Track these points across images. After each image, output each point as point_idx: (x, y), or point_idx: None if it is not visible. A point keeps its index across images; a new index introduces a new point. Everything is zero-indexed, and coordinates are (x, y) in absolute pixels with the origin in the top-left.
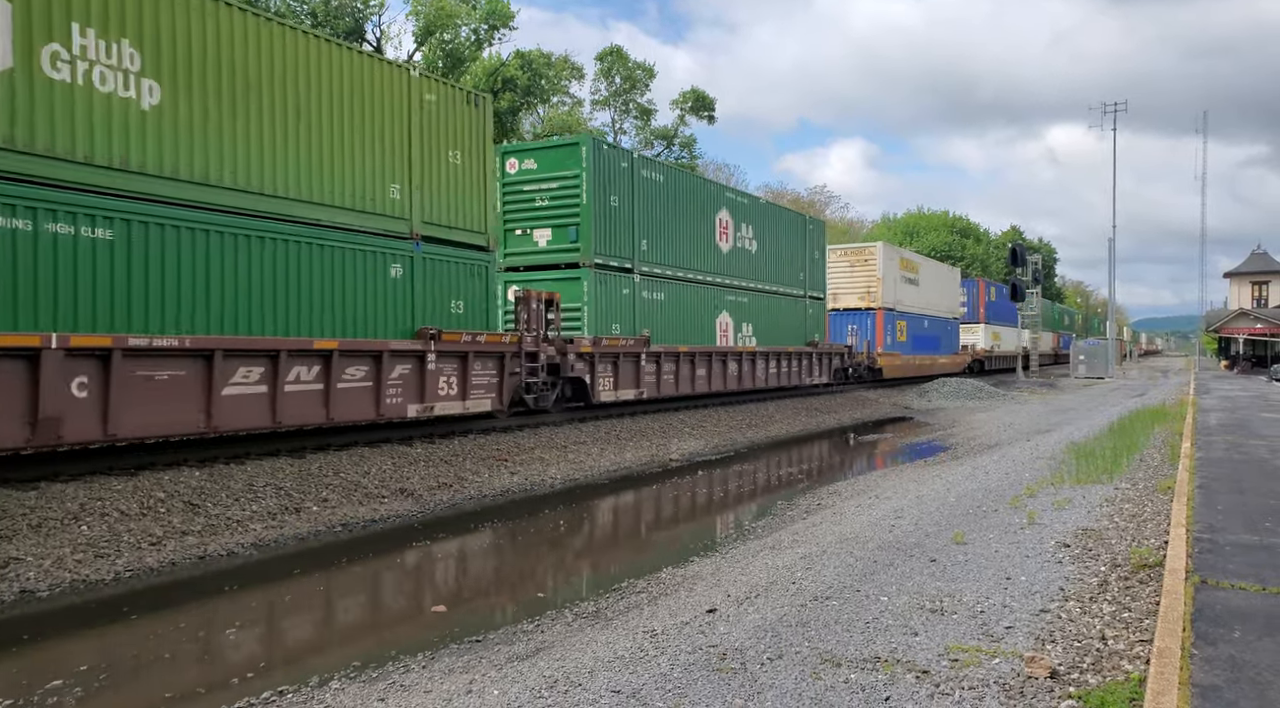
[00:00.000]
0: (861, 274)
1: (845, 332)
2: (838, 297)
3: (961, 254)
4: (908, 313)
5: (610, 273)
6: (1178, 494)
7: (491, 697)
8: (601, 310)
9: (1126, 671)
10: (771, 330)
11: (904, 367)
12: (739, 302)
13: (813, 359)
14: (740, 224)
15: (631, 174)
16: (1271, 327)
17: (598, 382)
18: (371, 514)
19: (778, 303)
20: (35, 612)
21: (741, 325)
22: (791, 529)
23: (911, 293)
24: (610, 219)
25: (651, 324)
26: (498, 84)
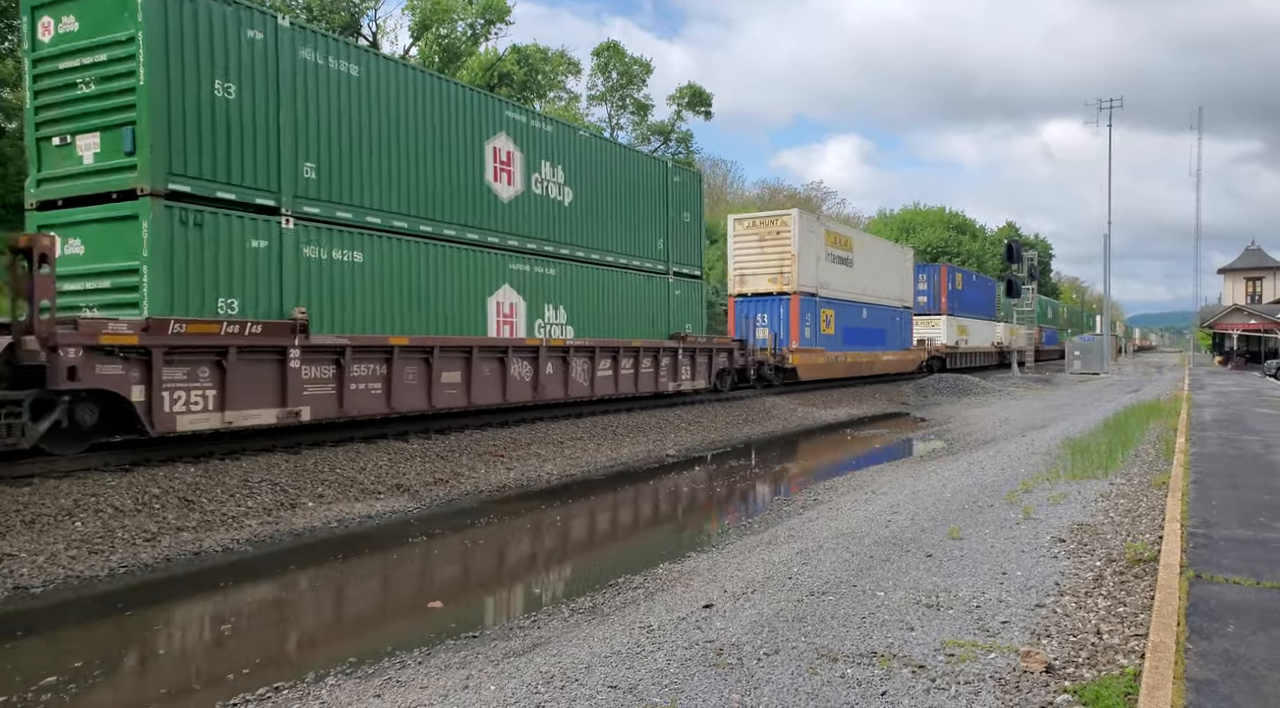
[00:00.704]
0: (773, 250)
1: (754, 323)
2: (745, 279)
3: (958, 250)
4: (838, 299)
5: (213, 211)
6: (1172, 489)
7: (488, 692)
8: (193, 274)
9: (1121, 665)
10: (601, 318)
11: (829, 366)
12: (539, 274)
13: (678, 358)
14: (537, 161)
15: (274, 53)
16: (1265, 323)
17: (162, 397)
18: (368, 510)
19: (614, 280)
20: (29, 608)
21: (543, 309)
22: (788, 525)
23: (843, 275)
24: (216, 121)
25: (338, 301)
26: (494, 79)
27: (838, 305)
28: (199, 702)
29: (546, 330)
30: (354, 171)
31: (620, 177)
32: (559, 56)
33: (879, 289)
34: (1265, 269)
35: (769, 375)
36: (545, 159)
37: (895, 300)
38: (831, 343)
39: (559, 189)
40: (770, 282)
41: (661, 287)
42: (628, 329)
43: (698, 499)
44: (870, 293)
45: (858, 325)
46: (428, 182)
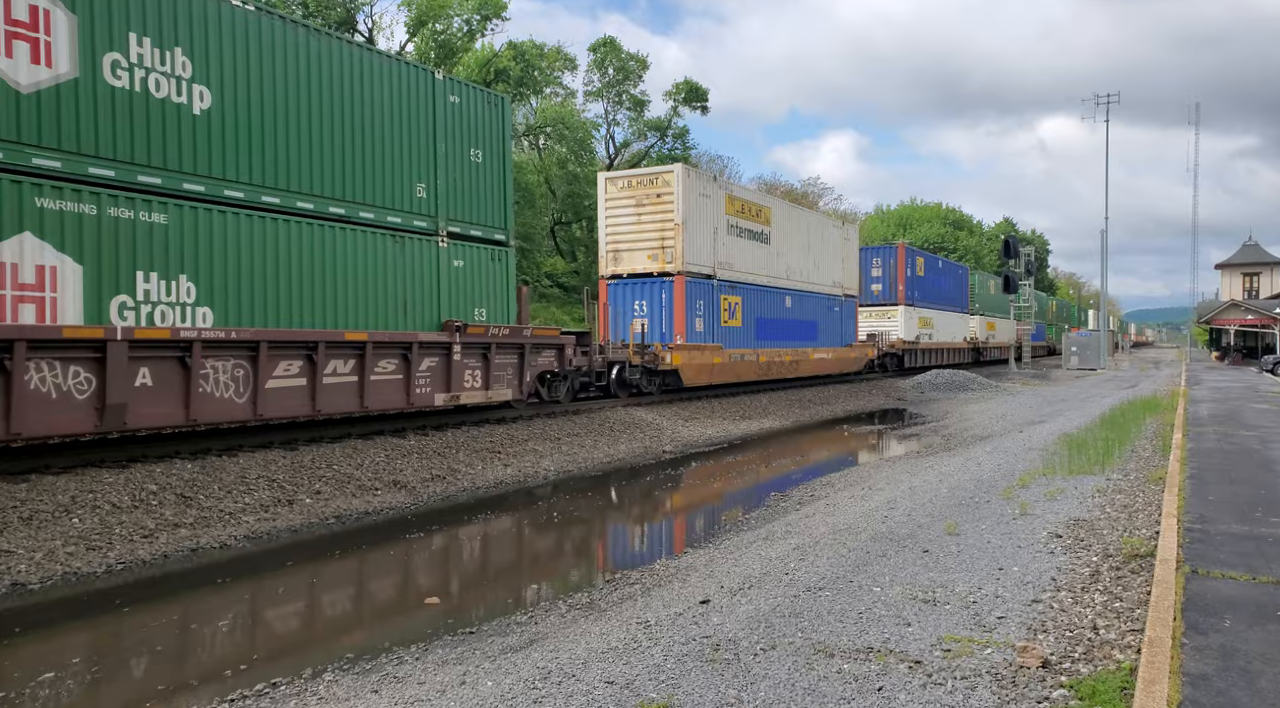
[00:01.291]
0: (653, 219)
1: (630, 311)
2: (619, 255)
3: (955, 246)
4: (747, 284)
5: None
6: (1169, 485)
7: (485, 688)
8: None
9: (1118, 660)
10: (287, 297)
11: (731, 367)
12: (124, 221)
13: (453, 358)
14: (118, 33)
15: None
16: (1262, 318)
17: None
18: (364, 506)
19: (315, 239)
20: (27, 605)
21: (133, 279)
22: (785, 520)
23: (755, 254)
24: None
25: None
26: (490, 75)
27: (747, 292)
28: (197, 698)
29: (143, 314)
30: None
31: (332, 84)
32: (555, 52)
33: (810, 273)
34: (1262, 264)
35: (635, 381)
36: (144, 34)
37: (833, 287)
38: (737, 338)
39: (177, 86)
40: (650, 259)
41: (423, 253)
42: (350, 315)
43: (686, 499)
44: (798, 277)
45: (778, 317)
46: None
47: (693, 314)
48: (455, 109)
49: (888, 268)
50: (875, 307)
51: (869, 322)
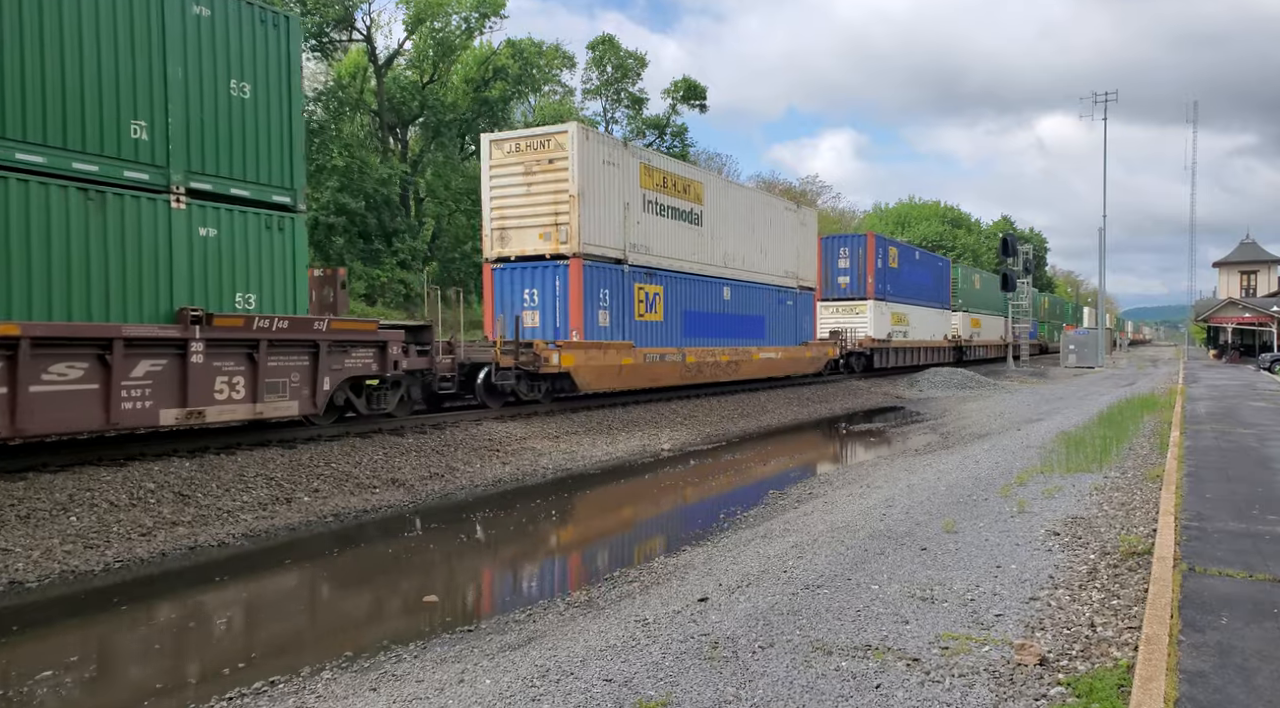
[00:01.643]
0: (545, 189)
1: (520, 302)
2: (507, 234)
3: (953, 244)
4: (671, 271)
5: None
6: (1166, 483)
7: (483, 686)
8: None
9: (1115, 657)
10: None
11: (642, 370)
12: None
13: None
14: None
15: None
16: (1260, 316)
17: None
18: (363, 504)
19: None
20: (24, 603)
21: None
22: (783, 518)
23: (683, 236)
24: None
25: None
26: (489, 73)
27: (671, 280)
28: (195, 696)
29: None
30: None
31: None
32: (554, 50)
33: (756, 261)
34: (1260, 263)
35: (508, 387)
36: None
37: (785, 278)
38: (656, 335)
39: None
40: (541, 239)
41: (142, 216)
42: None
43: (687, 495)
44: (739, 265)
45: (714, 311)
46: None
47: (594, 305)
48: (203, 25)
49: (856, 259)
50: (842, 301)
51: (835, 318)
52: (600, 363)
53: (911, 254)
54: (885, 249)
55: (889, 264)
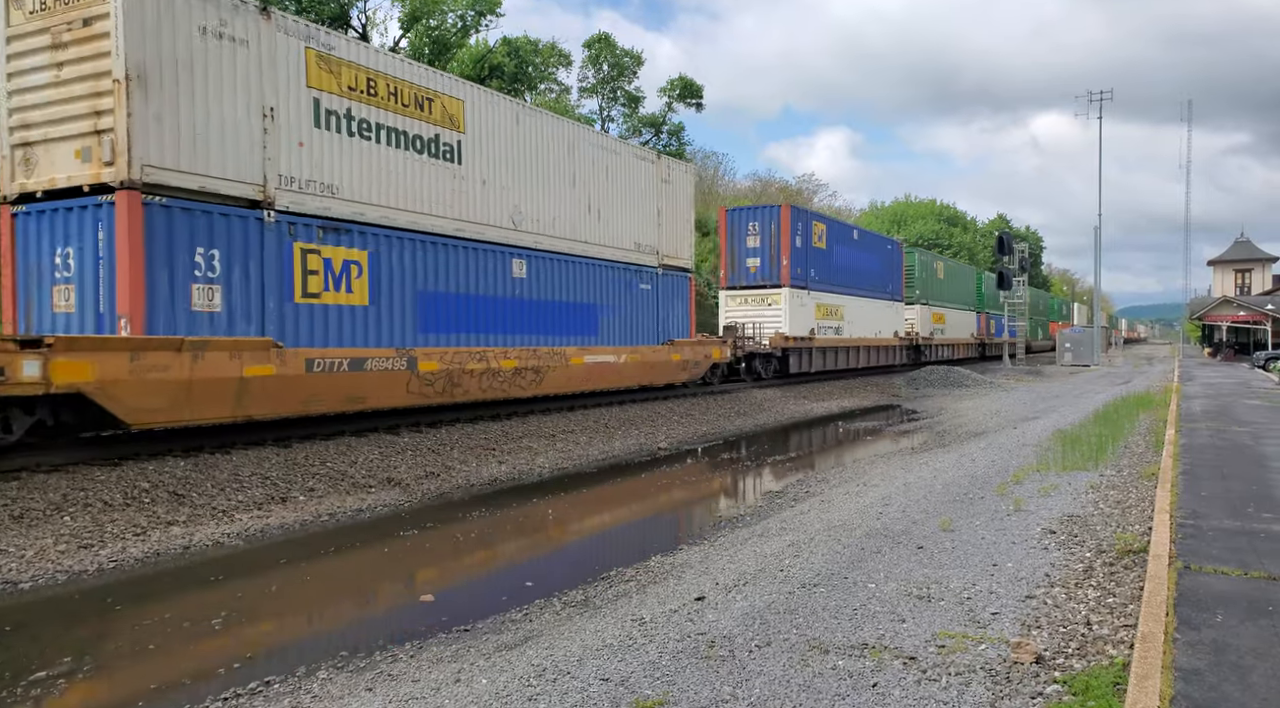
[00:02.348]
0: (80, 70)
1: (52, 269)
2: (31, 154)
3: (950, 242)
4: (390, 229)
5: None
6: (1162, 481)
7: (480, 686)
8: None
9: (1111, 655)
10: None
11: (296, 386)
12: None
13: None
14: None
15: None
16: (1254, 314)
17: None
18: (359, 504)
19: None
20: (18, 603)
21: None
22: (780, 517)
23: (421, 176)
24: None
25: None
26: (484, 71)
27: (390, 242)
28: (189, 696)
29: None
30: None
31: None
32: (550, 48)
33: (581, 225)
34: (1254, 261)
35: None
36: None
37: (638, 252)
38: (348, 327)
39: None
40: (79, 158)
41: None
42: None
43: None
44: (548, 230)
45: (492, 294)
46: None
47: (178, 276)
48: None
49: (769, 236)
50: (752, 290)
51: (744, 310)
52: (171, 376)
53: (847, 233)
54: (807, 225)
55: (812, 244)
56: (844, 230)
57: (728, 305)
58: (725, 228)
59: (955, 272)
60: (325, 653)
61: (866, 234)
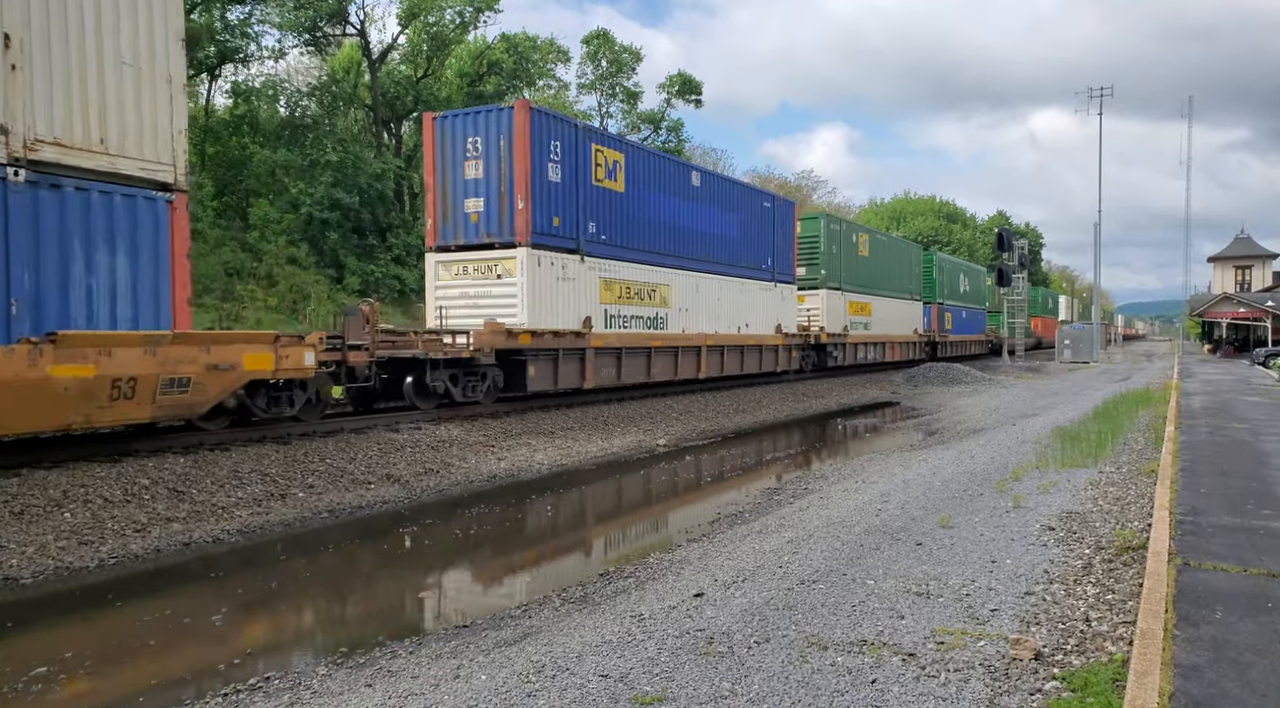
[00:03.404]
0: None
1: None
2: None
3: (949, 239)
4: None
5: None
6: (1161, 477)
7: (479, 682)
8: None
9: (1110, 652)
10: None
11: None
12: None
13: None
14: None
15: None
16: (1254, 311)
17: None
18: (358, 500)
19: None
20: (18, 599)
21: None
22: (779, 513)
23: None
24: None
25: None
26: (483, 68)
27: None
28: (190, 692)
29: None
30: None
31: None
32: (548, 45)
33: None
34: (1254, 257)
35: None
36: None
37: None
38: None
39: None
40: None
41: None
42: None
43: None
44: None
45: None
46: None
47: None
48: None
49: (495, 161)
50: (470, 253)
51: (456, 286)
52: None
53: (671, 171)
54: (579, 147)
55: (592, 179)
56: (662, 166)
57: (438, 280)
58: (433, 149)
59: (889, 249)
60: (325, 649)
61: (716, 178)
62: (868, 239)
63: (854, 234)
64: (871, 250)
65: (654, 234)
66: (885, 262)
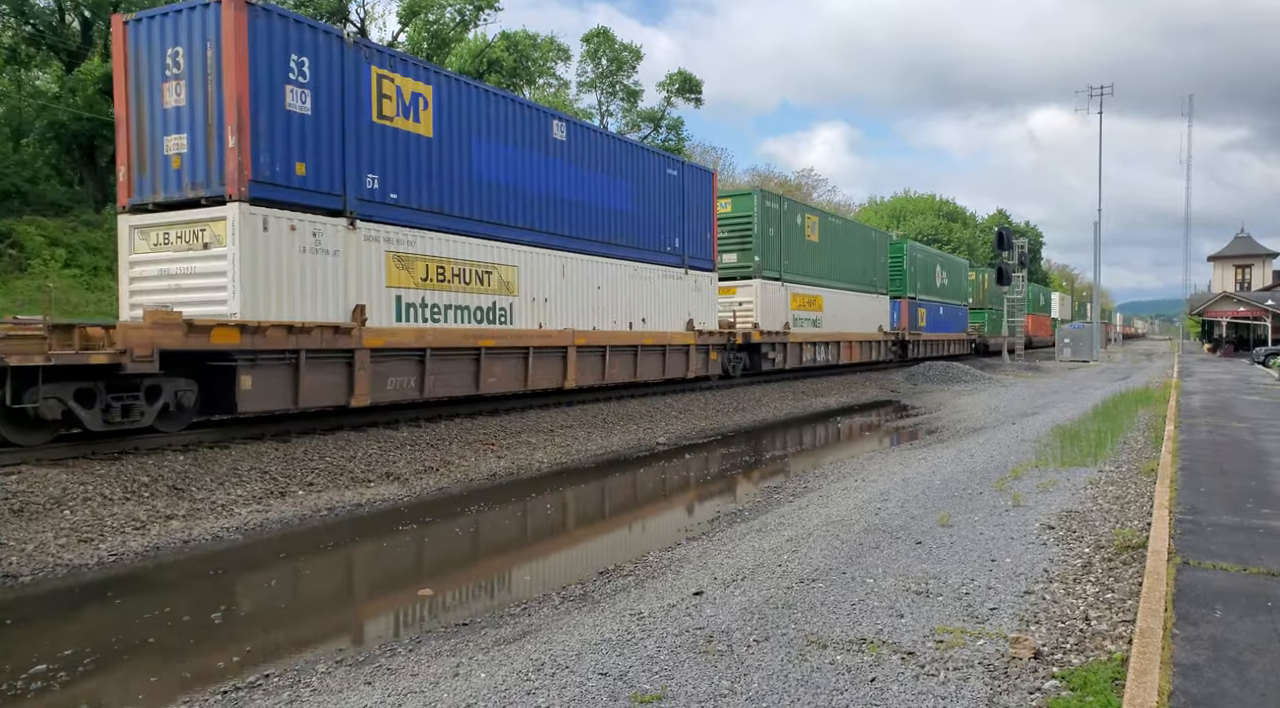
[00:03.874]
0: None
1: None
2: None
3: (949, 237)
4: None
5: None
6: (1161, 476)
7: (479, 680)
8: None
9: (1109, 650)
10: None
11: None
12: None
13: None
14: None
15: None
16: (1254, 310)
17: None
18: (358, 498)
19: None
20: (18, 597)
21: None
22: (778, 512)
23: None
24: None
25: None
26: (483, 66)
27: None
28: (190, 690)
29: None
30: None
31: None
32: (548, 43)
33: None
34: (1254, 256)
35: None
36: None
37: None
38: None
39: None
40: None
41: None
42: None
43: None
44: None
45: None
46: None
47: None
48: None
49: (199, 81)
50: (177, 213)
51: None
52: None
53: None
54: (336, 61)
55: (372, 116)
56: (501, 109)
57: (134, 253)
58: (125, 66)
59: (845, 235)
60: (324, 647)
61: (593, 133)
62: (817, 222)
63: (799, 215)
64: (823, 236)
65: (490, 198)
66: (841, 249)
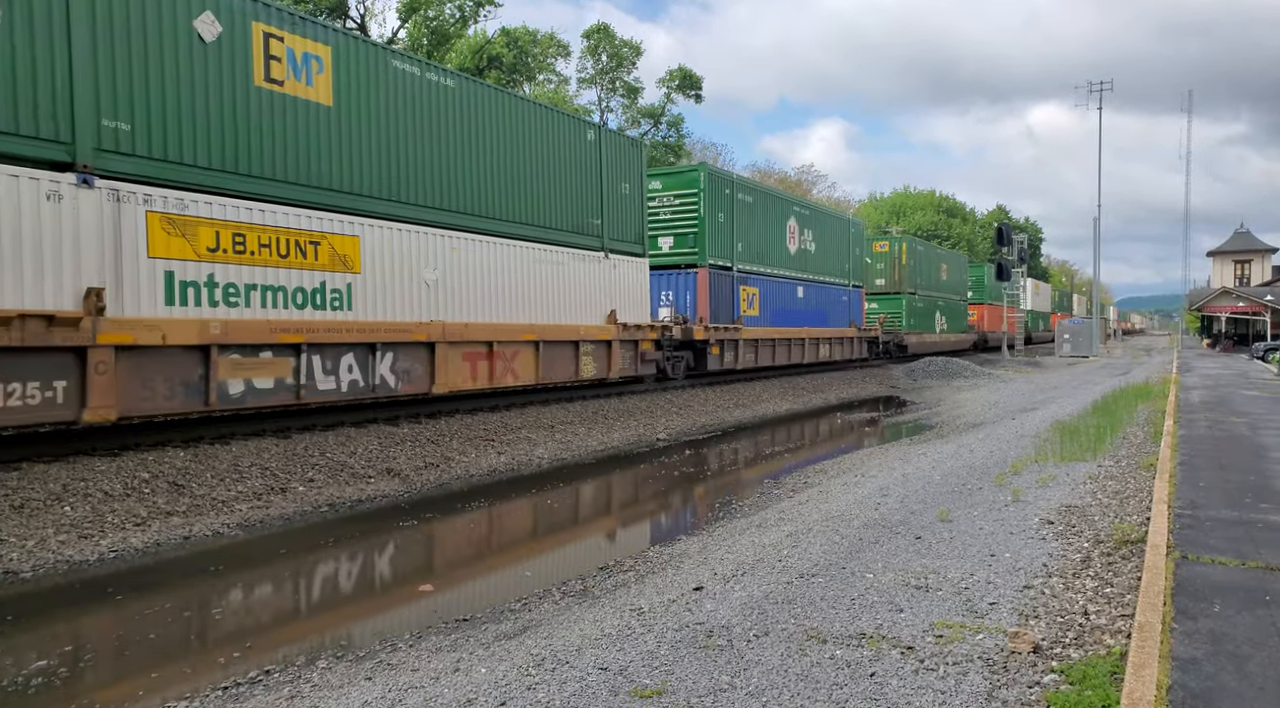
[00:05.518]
0: None
1: None
2: None
3: (949, 233)
4: None
5: None
6: (1160, 471)
7: (479, 675)
8: None
9: (1108, 645)
10: None
11: None
12: None
13: None
14: None
15: None
16: (1254, 305)
17: None
18: (358, 494)
19: None
20: (19, 593)
21: None
22: (778, 507)
23: None
24: None
25: None
26: (483, 62)
27: None
28: (190, 685)
29: None
30: None
31: None
32: (548, 39)
33: None
34: (1253, 252)
35: None
36: None
37: None
38: None
39: None
40: None
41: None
42: None
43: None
44: None
45: None
46: None
47: None
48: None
49: None
50: None
51: None
52: None
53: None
54: None
55: None
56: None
57: None
58: None
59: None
60: (324, 642)
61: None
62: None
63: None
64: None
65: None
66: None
